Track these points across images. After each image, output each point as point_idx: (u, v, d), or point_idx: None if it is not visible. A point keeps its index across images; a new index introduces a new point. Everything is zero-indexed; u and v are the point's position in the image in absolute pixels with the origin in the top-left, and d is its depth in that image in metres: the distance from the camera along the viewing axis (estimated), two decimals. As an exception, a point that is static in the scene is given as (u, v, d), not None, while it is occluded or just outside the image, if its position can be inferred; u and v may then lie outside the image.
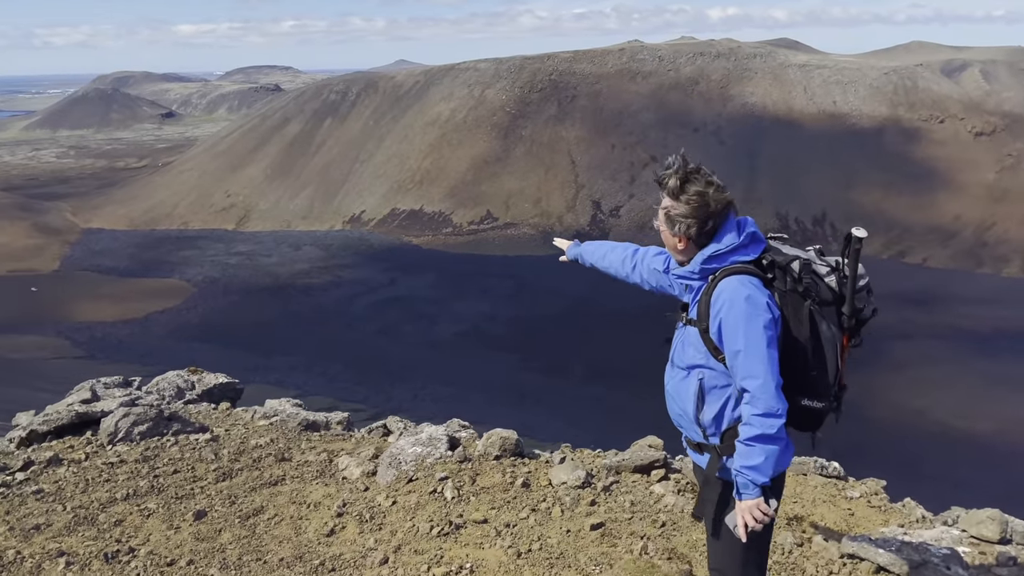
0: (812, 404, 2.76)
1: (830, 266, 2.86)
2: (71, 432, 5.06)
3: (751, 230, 2.82)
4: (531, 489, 4.56)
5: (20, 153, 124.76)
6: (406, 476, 4.61)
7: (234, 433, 5.36)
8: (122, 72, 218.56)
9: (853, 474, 18.18)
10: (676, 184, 2.76)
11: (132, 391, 5.61)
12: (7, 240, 69.49)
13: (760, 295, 2.69)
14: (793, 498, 4.90)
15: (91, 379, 6.21)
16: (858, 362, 13.12)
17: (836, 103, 76.39)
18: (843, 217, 67.47)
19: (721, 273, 2.76)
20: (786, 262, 2.78)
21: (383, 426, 5.67)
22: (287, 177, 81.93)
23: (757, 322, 2.64)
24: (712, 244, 2.79)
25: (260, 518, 4.26)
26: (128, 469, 4.70)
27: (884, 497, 5.08)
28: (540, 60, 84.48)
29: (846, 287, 2.82)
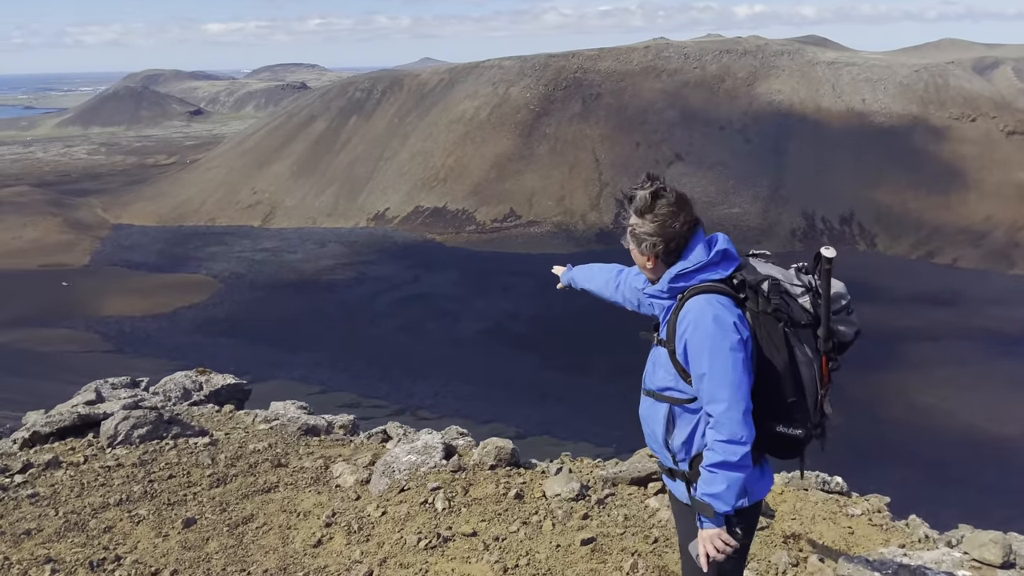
0: (788, 431, 2.66)
1: (805, 286, 2.74)
2: (74, 433, 5.10)
3: (722, 247, 2.75)
4: (524, 501, 4.52)
5: (52, 150, 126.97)
6: (398, 485, 4.58)
7: (233, 437, 5.35)
8: (152, 70, 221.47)
9: (875, 477, 18.25)
10: (643, 202, 2.74)
11: (138, 392, 5.67)
12: (39, 235, 70.76)
13: (728, 315, 2.60)
14: (792, 514, 4.79)
15: (99, 379, 6.30)
16: (884, 363, 13.21)
17: (865, 101, 75.28)
18: (871, 217, 66.63)
19: (689, 292, 2.70)
20: (756, 281, 2.70)
21: (383, 431, 5.65)
22: (312, 174, 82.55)
23: (723, 343, 2.55)
24: (679, 262, 2.73)
25: (249, 527, 4.25)
26: (124, 473, 4.71)
27: (887, 515, 4.96)
28: (564, 58, 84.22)
29: (821, 308, 2.71)
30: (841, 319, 2.75)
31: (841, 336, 2.75)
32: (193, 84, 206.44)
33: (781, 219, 67.51)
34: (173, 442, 5.02)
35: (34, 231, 71.83)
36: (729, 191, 69.82)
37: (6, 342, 47.41)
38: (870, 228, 66.11)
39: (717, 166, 71.60)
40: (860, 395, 39.63)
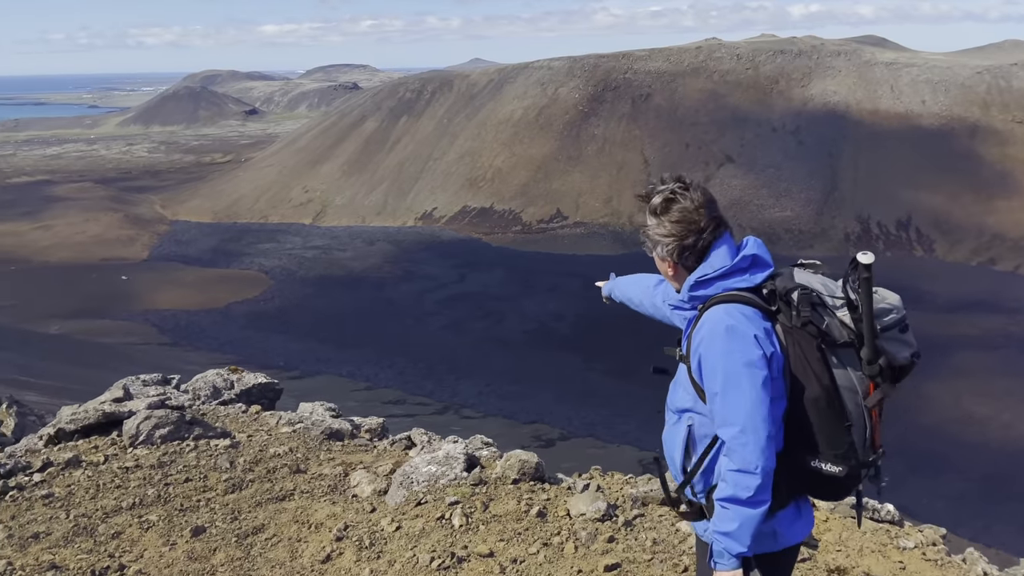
0: (823, 467, 2.28)
1: (844, 298, 2.34)
2: (99, 431, 5.04)
3: (752, 252, 2.41)
4: (546, 520, 4.28)
5: (115, 148, 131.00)
6: (416, 498, 4.39)
7: (255, 440, 5.24)
8: (210, 71, 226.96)
9: (931, 491, 17.58)
10: (659, 202, 2.42)
11: (167, 390, 5.65)
12: (101, 230, 73.04)
13: (748, 327, 2.27)
14: (837, 545, 4.45)
15: (156, 371, 6.33)
16: (939, 372, 12.69)
17: (925, 103, 72.96)
18: (929, 222, 64.55)
19: (711, 302, 2.39)
20: (786, 291, 2.34)
21: (407, 438, 5.49)
22: (363, 173, 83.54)
23: (737, 358, 2.23)
24: (700, 268, 2.43)
25: (258, 538, 4.13)
26: (141, 475, 4.65)
27: (942, 549, 4.59)
28: (615, 58, 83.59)
29: (863, 325, 2.30)
30: (892, 337, 2.34)
31: (892, 358, 2.33)
32: (249, 84, 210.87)
33: (835, 223, 65.87)
34: (194, 443, 4.93)
35: (96, 226, 74.19)
36: (781, 194, 68.40)
37: (68, 332, 49.09)
38: (928, 233, 64.03)
39: (769, 168, 70.21)
40: (913, 405, 38.44)
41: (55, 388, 28.66)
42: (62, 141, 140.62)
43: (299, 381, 42.27)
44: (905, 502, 30.13)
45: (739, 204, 67.87)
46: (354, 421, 5.75)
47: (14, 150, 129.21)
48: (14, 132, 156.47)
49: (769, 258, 2.44)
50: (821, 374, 2.27)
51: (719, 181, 69.97)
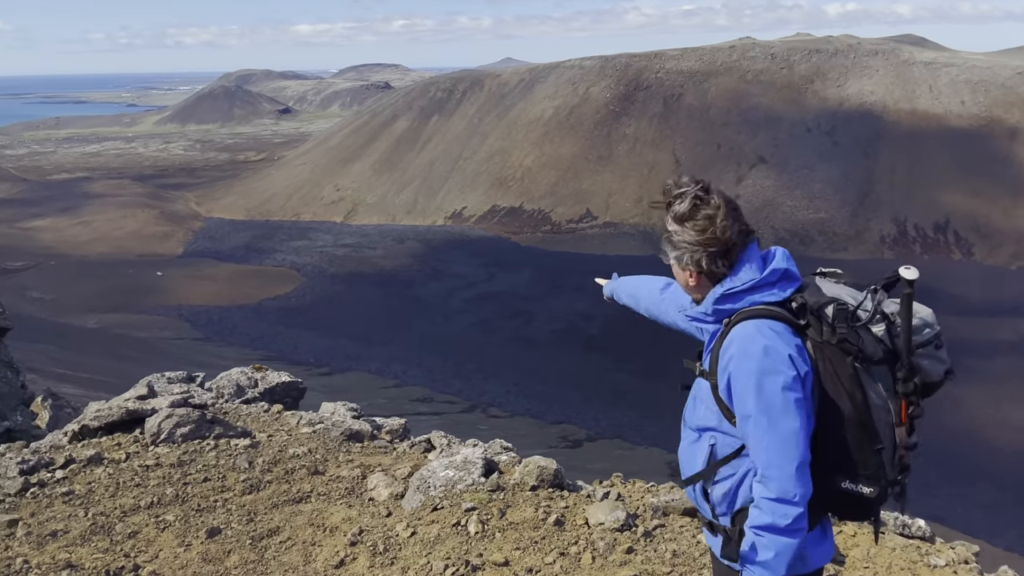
0: (855, 489, 2.19)
1: (880, 313, 2.22)
2: (122, 429, 5.07)
3: (780, 266, 2.26)
4: (564, 528, 4.18)
5: (152, 146, 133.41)
6: (432, 503, 4.33)
7: (275, 440, 5.22)
8: (245, 70, 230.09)
9: (964, 499, 17.17)
10: (685, 207, 2.27)
11: (191, 388, 5.68)
12: (138, 227, 74.43)
13: (782, 345, 2.15)
14: (865, 561, 4.28)
15: (189, 366, 6.39)
16: (975, 377, 12.34)
17: (964, 103, 71.38)
18: (968, 225, 63.18)
19: (737, 316, 2.25)
20: (819, 305, 2.20)
21: (427, 440, 5.44)
22: (393, 172, 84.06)
23: (774, 381, 2.12)
24: (727, 280, 2.28)
25: (273, 540, 4.12)
26: (161, 474, 4.65)
27: (974, 568, 4.36)
28: (647, 58, 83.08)
29: (899, 340, 2.19)
30: (927, 354, 2.23)
31: (926, 375, 2.24)
32: (283, 83, 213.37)
33: (870, 225, 64.76)
34: (214, 443, 4.93)
35: (133, 222, 75.62)
36: (815, 195, 67.42)
37: (105, 326, 50.08)
38: (967, 236, 62.66)
39: (802, 169, 69.24)
40: (948, 411, 37.69)
41: (92, 381, 29.20)
42: (101, 139, 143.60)
43: (328, 378, 42.65)
44: (940, 512, 29.63)
45: (772, 205, 67.06)
46: (376, 422, 5.71)
47: (55, 147, 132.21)
48: (55, 130, 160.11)
49: (798, 271, 2.32)
50: (854, 392, 2.16)
51: (751, 182, 69.20)
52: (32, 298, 55.33)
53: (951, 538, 17.21)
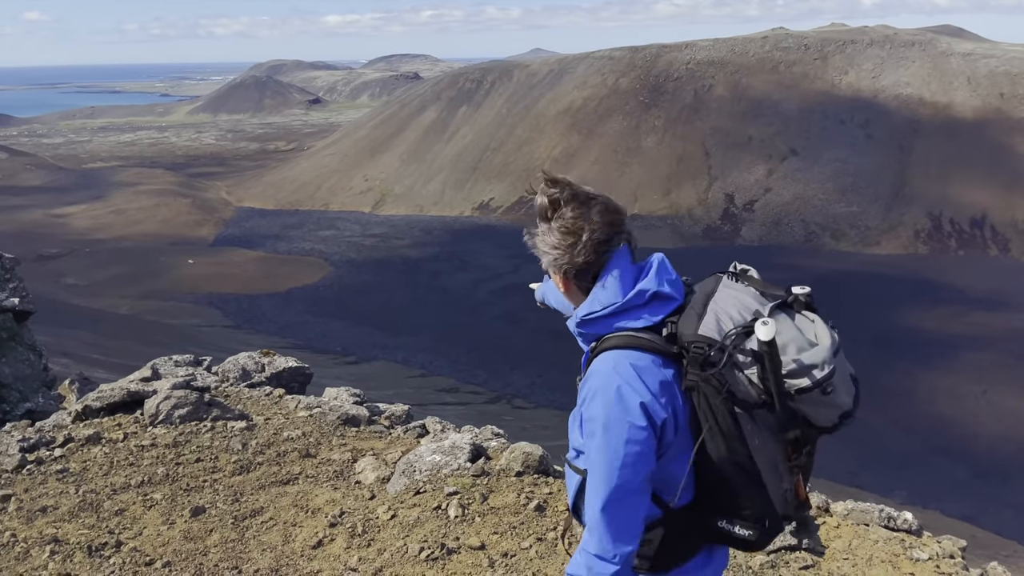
0: (733, 530, 2.00)
1: (754, 353, 1.90)
2: (124, 410, 5.14)
3: (650, 287, 1.97)
4: (544, 514, 4.19)
5: (185, 135, 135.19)
6: (415, 487, 4.36)
7: (271, 423, 5.26)
8: (276, 61, 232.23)
9: (998, 499, 16.83)
10: (545, 203, 2.00)
11: (196, 371, 5.77)
12: (171, 215, 75.56)
13: (640, 388, 1.89)
14: (845, 553, 4.18)
15: (221, 350, 6.50)
16: (1018, 378, 12.01)
17: (1004, 95, 69.61)
18: (1006, 221, 61.68)
19: (601, 343, 2.00)
20: (687, 341, 1.92)
21: (421, 426, 5.46)
22: (421, 163, 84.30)
23: (619, 433, 1.88)
24: (586, 303, 2.01)
25: (255, 520, 4.16)
26: (155, 454, 4.72)
27: (958, 562, 4.25)
28: (677, 48, 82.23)
29: (772, 386, 1.89)
30: (811, 400, 1.91)
31: (815, 421, 1.96)
32: (313, 74, 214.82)
33: (904, 220, 63.55)
34: (211, 424, 4.99)
35: (166, 211, 76.78)
36: (847, 188, 66.31)
37: (137, 312, 50.98)
38: (1004, 232, 61.21)
39: (835, 162, 68.11)
40: (983, 411, 37.03)
41: (123, 366, 29.69)
42: (135, 128, 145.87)
43: (355, 366, 43.01)
44: (971, 511, 29.03)
45: (803, 198, 66.13)
46: (377, 407, 5.76)
47: (90, 136, 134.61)
48: (90, 119, 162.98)
49: (678, 288, 2.02)
50: (728, 433, 1.92)
51: (782, 174, 68.29)
52: (67, 284, 56.51)
53: (981, 537, 16.90)
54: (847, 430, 2.02)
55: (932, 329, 46.05)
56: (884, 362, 41.08)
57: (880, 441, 33.07)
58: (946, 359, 42.06)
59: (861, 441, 32.18)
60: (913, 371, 40.83)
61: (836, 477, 29.45)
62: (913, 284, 53.39)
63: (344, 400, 5.52)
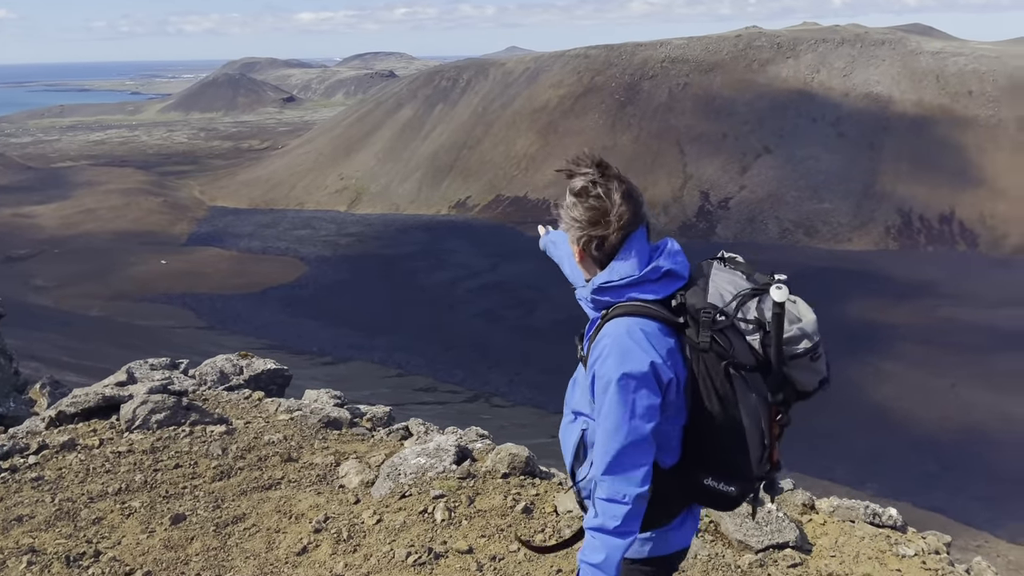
0: (717, 486, 2.23)
1: (755, 321, 2.17)
2: (99, 415, 5.03)
3: (664, 265, 2.22)
4: (532, 517, 4.17)
5: (156, 134, 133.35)
6: (401, 490, 4.30)
7: (252, 427, 5.17)
8: (249, 58, 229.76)
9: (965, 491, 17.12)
10: (579, 184, 2.24)
11: (173, 375, 5.64)
12: (142, 215, 74.49)
13: (649, 350, 2.12)
14: (832, 550, 4.24)
15: (197, 353, 6.35)
16: (986, 372, 12.30)
17: (972, 93, 70.88)
18: (973, 217, 62.85)
19: (614, 310, 2.22)
20: (695, 309, 2.18)
21: (404, 428, 5.39)
22: (397, 161, 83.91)
23: (629, 386, 2.11)
24: (605, 272, 2.25)
25: (237, 527, 4.08)
26: (132, 460, 4.61)
27: (944, 558, 4.30)
28: (652, 47, 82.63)
29: (772, 349, 2.16)
30: (802, 365, 2.20)
31: (799, 385, 2.24)
32: (287, 72, 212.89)
33: (875, 216, 64.45)
34: (189, 429, 4.89)
35: (137, 210, 75.67)
36: (820, 186, 67.11)
37: (109, 314, 50.18)
38: (972, 228, 62.35)
39: (808, 160, 68.89)
40: (952, 404, 37.65)
41: (95, 369, 29.26)
42: (105, 127, 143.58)
43: (332, 367, 42.72)
44: (941, 503, 29.50)
45: (776, 196, 66.80)
46: (359, 409, 5.68)
47: (59, 135, 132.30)
48: (59, 118, 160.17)
49: (685, 269, 2.27)
50: (724, 396, 2.16)
51: (756, 172, 68.91)
52: (36, 286, 55.50)
53: (952, 529, 17.10)
54: (820, 424, 2.20)
55: (902, 324, 46.75)
56: (855, 356, 41.64)
57: (851, 435, 33.53)
58: (916, 353, 42.73)
59: (833, 435, 32.62)
60: (883, 365, 41.43)
61: (809, 471, 29.81)
62: (884, 280, 54.18)
63: (325, 402, 5.44)
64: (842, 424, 34.00)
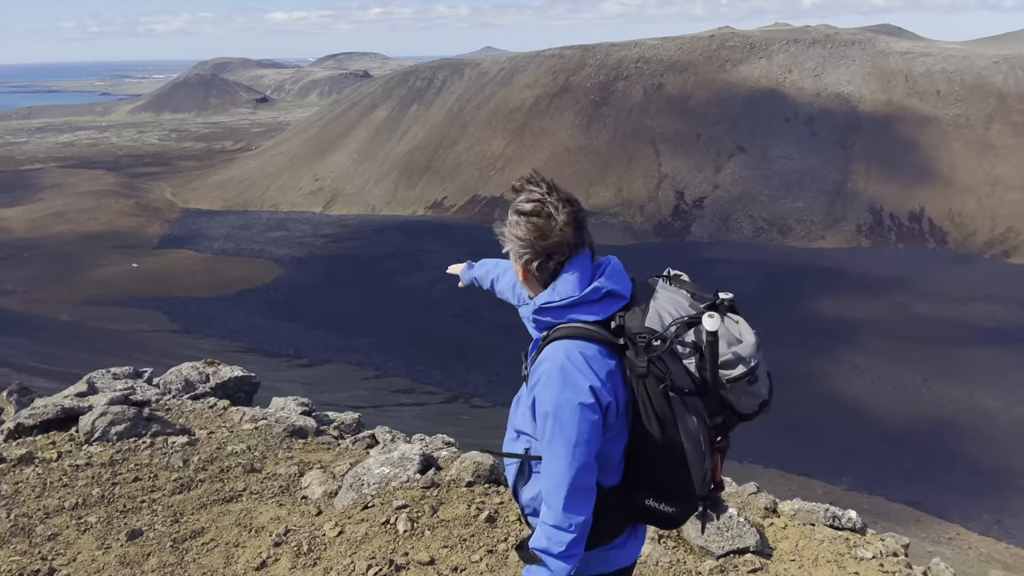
0: (658, 507, 2.26)
1: (692, 345, 2.18)
2: (58, 426, 4.92)
3: (605, 286, 2.21)
4: (495, 525, 4.13)
5: (127, 135, 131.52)
6: (363, 501, 4.24)
7: (215, 437, 5.08)
8: (221, 58, 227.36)
9: (941, 485, 17.39)
10: (525, 203, 2.24)
11: (136, 384, 5.52)
12: (112, 218, 73.41)
13: (589, 374, 2.12)
14: (792, 554, 4.26)
15: (169, 358, 6.21)
16: (956, 368, 12.52)
17: (940, 92, 72.03)
18: (942, 215, 63.90)
19: (554, 332, 2.22)
20: (632, 333, 2.16)
21: (371, 436, 5.32)
22: (373, 162, 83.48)
23: (571, 412, 2.10)
24: (546, 292, 2.25)
25: (195, 542, 3.99)
26: (91, 474, 4.52)
27: (902, 560, 4.35)
28: (626, 47, 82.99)
29: (708, 374, 2.17)
30: (738, 389, 2.20)
31: (739, 408, 2.25)
32: (260, 72, 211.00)
33: (847, 214, 65.29)
34: (150, 441, 4.79)
35: (108, 213, 74.56)
36: (792, 184, 67.83)
37: (80, 318, 49.38)
38: (941, 225, 63.39)
39: (781, 159, 69.61)
40: (926, 399, 38.19)
41: (67, 375, 28.78)
42: (74, 128, 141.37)
43: (308, 369, 42.39)
44: (915, 496, 29.85)
45: (750, 195, 67.39)
46: (327, 416, 5.61)
47: (27, 137, 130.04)
48: (27, 120, 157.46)
49: (627, 289, 2.26)
50: (664, 418, 2.16)
51: (730, 171, 69.46)
52: (4, 290, 54.51)
53: (925, 522, 17.35)
54: (797, 420, 2.19)
55: (875, 320, 47.38)
56: (830, 353, 42.16)
57: (827, 429, 33.92)
58: (889, 349, 43.32)
59: (810, 430, 32.98)
60: (857, 361, 41.95)
61: (786, 466, 30.14)
62: (856, 277, 54.89)
63: (291, 410, 5.36)
64: (818, 419, 34.41)
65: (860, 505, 26.69)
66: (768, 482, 26.90)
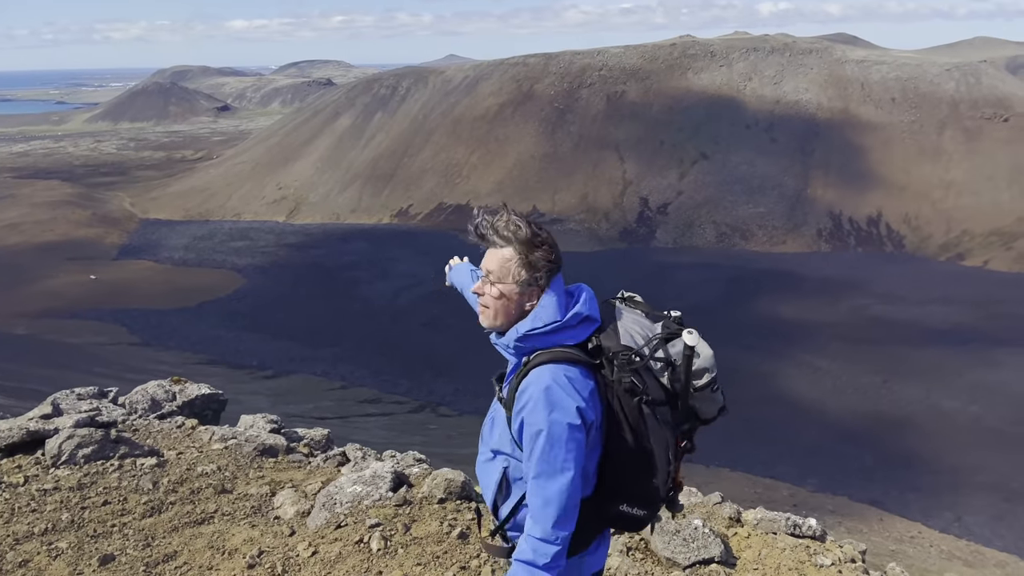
0: (632, 512, 2.42)
1: (665, 360, 2.38)
2: (24, 450, 4.83)
3: (583, 311, 2.38)
4: (468, 542, 4.16)
5: (83, 144, 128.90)
6: (336, 520, 4.23)
7: (184, 458, 5.03)
8: (181, 66, 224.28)
9: (901, 483, 17.78)
10: (528, 233, 2.41)
11: (101, 405, 5.42)
12: (69, 229, 71.81)
13: (575, 396, 2.26)
14: (755, 563, 4.38)
15: (132, 373, 6.09)
16: (914, 368, 12.84)
17: (895, 100, 73.87)
18: (899, 219, 65.48)
19: (536, 357, 2.34)
20: (611, 352, 2.35)
21: (342, 454, 5.31)
22: (337, 170, 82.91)
23: (560, 435, 2.24)
24: (529, 319, 2.37)
25: (168, 566, 3.95)
26: (59, 498, 4.45)
27: (860, 566, 4.51)
28: (590, 55, 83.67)
29: (680, 385, 2.39)
30: (703, 396, 2.43)
31: (703, 414, 2.47)
32: (221, 80, 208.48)
33: (807, 219, 66.55)
34: (119, 463, 4.72)
35: (64, 224, 72.93)
36: (754, 190, 68.95)
37: (36, 332, 48.18)
38: (898, 229, 64.94)
39: (742, 165, 70.73)
40: (884, 399, 38.97)
41: (22, 390, 28.11)
42: (28, 138, 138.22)
43: (273, 381, 41.86)
44: (877, 496, 30.38)
45: (713, 201, 68.33)
46: (296, 433, 5.58)
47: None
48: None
49: (597, 313, 2.43)
50: (637, 429, 2.34)
51: (693, 178, 70.36)
52: (-44, 305, 53.01)
53: (887, 520, 17.70)
54: (762, 422, 2.36)
55: (836, 323, 48.29)
56: (792, 356, 42.87)
57: (791, 431, 34.44)
58: (849, 351, 44.18)
59: (774, 432, 33.47)
60: (819, 363, 42.72)
61: (753, 469, 30.53)
62: (817, 281, 55.93)
63: (261, 429, 5.33)
64: (782, 421, 34.94)
65: (824, 506, 27.16)
66: (735, 485, 27.24)
